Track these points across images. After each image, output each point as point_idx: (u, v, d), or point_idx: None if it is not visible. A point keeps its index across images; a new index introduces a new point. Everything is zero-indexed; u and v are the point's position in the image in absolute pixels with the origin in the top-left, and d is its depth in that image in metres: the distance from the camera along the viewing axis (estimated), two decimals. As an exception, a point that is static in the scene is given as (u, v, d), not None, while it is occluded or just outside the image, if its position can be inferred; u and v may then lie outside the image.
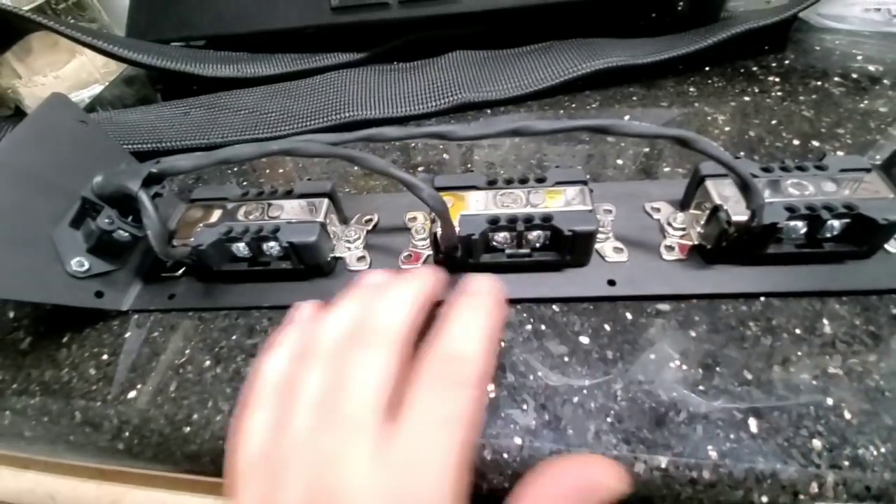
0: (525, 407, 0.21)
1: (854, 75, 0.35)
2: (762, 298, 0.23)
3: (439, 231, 0.23)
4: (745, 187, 0.21)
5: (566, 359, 0.22)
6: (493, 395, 0.21)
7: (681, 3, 0.40)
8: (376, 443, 0.15)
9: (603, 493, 0.15)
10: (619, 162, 0.31)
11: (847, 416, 0.19)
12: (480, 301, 0.19)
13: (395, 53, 0.42)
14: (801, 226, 0.23)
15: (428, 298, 0.19)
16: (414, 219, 0.28)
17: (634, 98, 0.35)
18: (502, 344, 0.23)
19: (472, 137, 0.22)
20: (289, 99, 0.38)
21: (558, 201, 0.24)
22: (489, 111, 0.36)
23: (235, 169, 0.35)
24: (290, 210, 0.26)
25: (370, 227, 0.28)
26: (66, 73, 0.46)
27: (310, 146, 0.22)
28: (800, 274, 0.23)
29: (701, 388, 0.20)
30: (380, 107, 0.36)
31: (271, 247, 0.25)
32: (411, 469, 0.14)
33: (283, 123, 0.36)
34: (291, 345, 0.19)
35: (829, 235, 0.23)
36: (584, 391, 0.21)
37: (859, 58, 0.36)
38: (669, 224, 0.26)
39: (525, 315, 0.24)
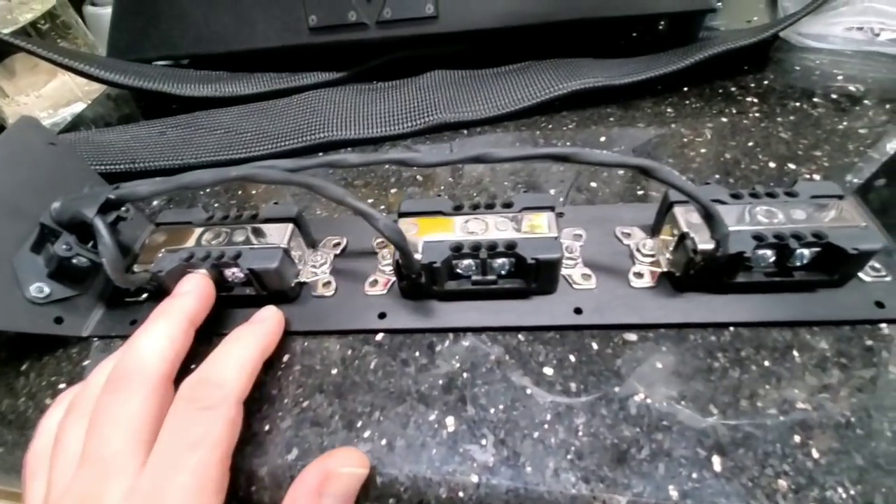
0: (484, 442, 0.20)
1: (834, 95, 0.34)
2: (731, 329, 0.22)
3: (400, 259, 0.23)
4: (709, 216, 0.20)
5: (528, 391, 0.21)
6: (451, 429, 0.20)
7: (661, 23, 0.40)
8: (131, 479, 0.16)
9: (344, 479, 0.18)
10: (606, 175, 0.31)
11: (815, 454, 0.18)
12: (251, 329, 0.22)
13: (375, 72, 0.42)
14: (769, 254, 0.22)
15: (186, 325, 0.21)
16: (382, 244, 0.27)
17: (611, 119, 0.35)
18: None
19: (432, 164, 0.22)
20: (265, 119, 0.38)
21: (527, 228, 0.24)
22: (465, 132, 0.36)
23: (219, 189, 0.34)
24: (253, 235, 0.25)
25: (338, 252, 0.28)
26: (47, 91, 0.46)
27: (268, 173, 0.21)
28: (771, 303, 0.23)
29: (664, 423, 0.20)
30: (355, 127, 0.36)
31: (233, 273, 0.24)
32: (155, 496, 0.16)
33: (258, 144, 0.36)
34: (65, 402, 0.20)
35: (798, 264, 0.22)
36: (545, 426, 0.20)
37: (840, 77, 0.36)
38: (639, 250, 0.25)
39: (489, 344, 0.23)
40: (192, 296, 0.22)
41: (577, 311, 0.23)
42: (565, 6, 0.35)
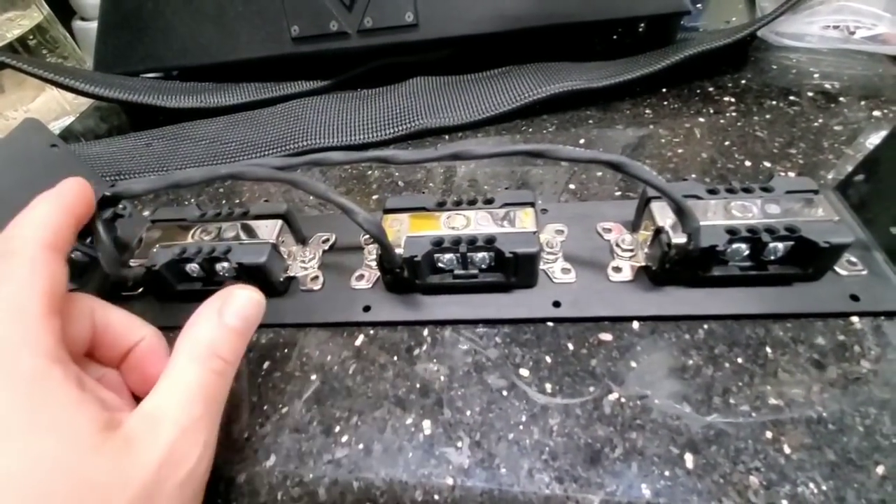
0: (460, 445, 0.20)
1: (810, 93, 0.35)
2: (706, 326, 0.22)
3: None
4: (680, 211, 0.21)
5: (504, 393, 0.21)
6: (428, 432, 0.21)
7: (641, 25, 0.40)
8: None
9: (242, 298, 0.20)
10: (599, 174, 0.31)
11: (787, 450, 0.18)
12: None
13: (358, 80, 0.42)
14: (744, 248, 0.22)
15: (63, 204, 0.20)
16: (369, 239, 0.28)
17: (591, 121, 0.35)
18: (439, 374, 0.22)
19: (413, 161, 0.23)
20: (250, 128, 0.38)
21: (507, 224, 0.24)
22: (447, 137, 0.36)
23: (221, 190, 0.35)
24: (244, 231, 0.26)
25: (327, 247, 0.28)
26: (35, 106, 0.46)
27: (256, 170, 0.22)
28: (746, 296, 0.23)
29: (638, 421, 0.20)
30: (339, 135, 0.36)
31: (223, 267, 0.25)
32: None
33: (243, 153, 0.36)
34: None
35: (773, 258, 0.23)
36: (521, 427, 0.20)
37: (816, 75, 0.36)
38: (618, 245, 0.26)
39: (466, 347, 0.23)
40: (65, 186, 0.21)
41: (556, 304, 0.24)
42: (541, 12, 0.36)
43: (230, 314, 0.19)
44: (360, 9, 0.37)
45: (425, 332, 0.24)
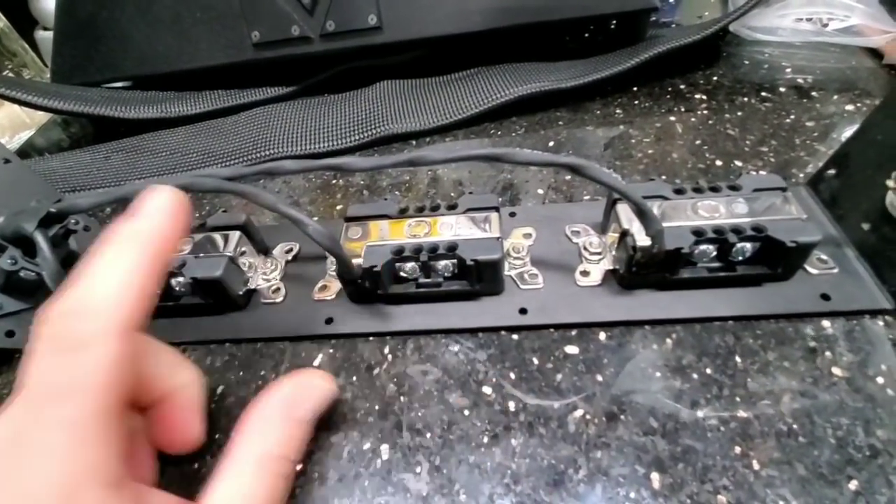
0: (419, 470, 0.19)
1: (782, 89, 0.34)
2: (674, 335, 0.22)
3: None
4: (641, 213, 0.20)
5: (466, 412, 0.20)
6: (386, 457, 0.20)
7: (613, 23, 0.40)
8: None
9: (315, 392, 0.18)
10: (568, 176, 0.30)
11: (756, 466, 0.18)
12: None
13: (323, 85, 0.41)
14: (711, 249, 0.22)
15: (152, 257, 0.16)
16: None
17: (560, 122, 0.35)
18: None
19: (368, 169, 0.22)
20: (212, 138, 0.37)
21: (470, 229, 0.23)
22: (414, 142, 0.35)
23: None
24: (201, 244, 0.25)
25: (290, 258, 0.27)
26: (-8, 120, 0.45)
27: (205, 181, 0.21)
28: (715, 298, 0.22)
29: (603, 439, 0.19)
30: (303, 142, 0.35)
31: (179, 282, 0.24)
32: (19, 455, 0.13)
33: (204, 164, 0.35)
34: None
35: (741, 258, 0.22)
36: (482, 449, 0.19)
37: (788, 70, 0.36)
38: (586, 249, 0.25)
39: (428, 365, 0.22)
40: (160, 216, 0.16)
41: (523, 311, 0.23)
42: (507, 12, 0.35)
43: (305, 410, 0.18)
44: (321, 12, 0.36)
45: (386, 349, 0.23)
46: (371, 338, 0.24)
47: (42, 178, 0.35)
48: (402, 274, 0.23)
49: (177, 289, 0.24)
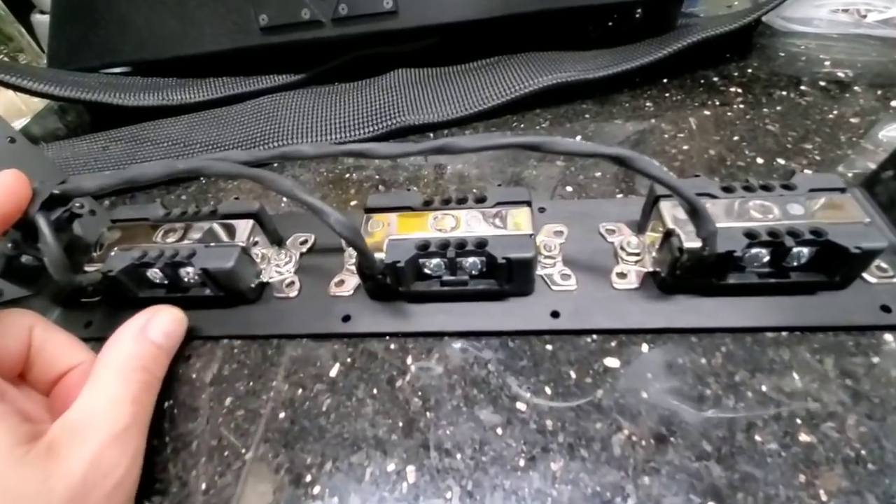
0: (449, 495, 0.17)
1: (822, 82, 0.32)
2: (723, 348, 0.20)
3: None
4: (694, 212, 0.18)
5: (499, 431, 0.19)
6: (412, 480, 0.18)
7: (638, 11, 0.38)
8: None
9: (166, 319, 0.21)
10: (598, 174, 0.28)
11: (823, 496, 0.16)
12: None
13: (335, 73, 0.39)
14: (763, 253, 0.20)
15: None
16: None
17: (587, 116, 0.33)
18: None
19: (393, 156, 0.20)
20: (216, 128, 0.35)
21: (500, 224, 0.22)
22: (431, 135, 0.33)
23: (190, 190, 0.32)
24: (211, 232, 0.23)
25: (305, 249, 0.26)
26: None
27: (218, 165, 0.20)
28: (765, 306, 0.21)
29: (652, 464, 0.17)
30: (313, 134, 0.33)
31: (188, 272, 0.23)
32: None
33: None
34: None
35: (795, 264, 0.20)
36: (518, 473, 0.18)
37: (827, 63, 0.34)
38: (623, 248, 0.23)
39: (456, 377, 0.20)
40: None
41: (555, 314, 0.22)
42: (531, -3, 0.33)
43: (155, 332, 0.20)
44: (334, -5, 0.34)
45: (409, 357, 0.21)
46: (391, 339, 0.22)
47: (50, 160, 0.33)
48: (426, 270, 0.22)
49: (185, 279, 0.23)
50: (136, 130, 0.36)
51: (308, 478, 0.18)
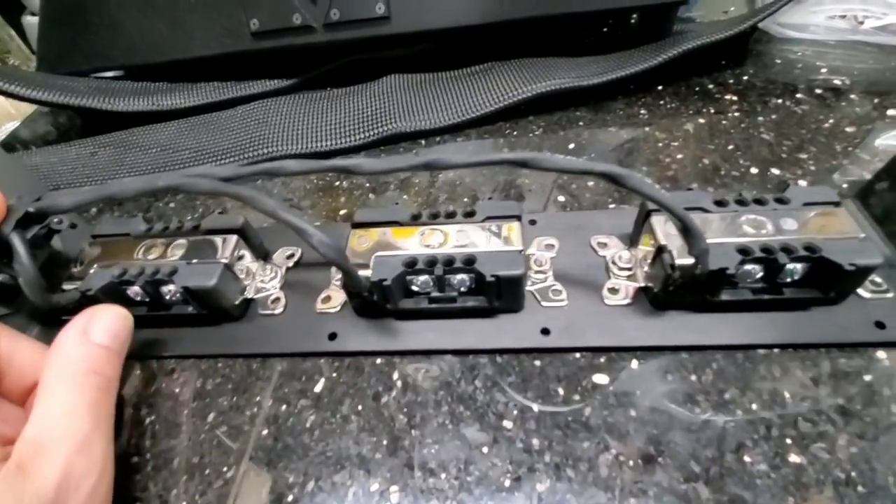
0: (432, 516, 0.17)
1: (818, 90, 0.32)
2: (714, 364, 0.20)
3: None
4: (686, 230, 0.18)
5: (485, 450, 0.18)
6: (396, 501, 0.18)
7: (633, 17, 0.37)
8: None
9: (109, 316, 0.19)
10: (591, 183, 0.28)
11: (813, 520, 0.16)
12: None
13: (326, 78, 0.39)
14: (757, 269, 0.20)
15: None
16: None
17: (581, 123, 0.32)
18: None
19: (379, 172, 0.20)
20: (206, 133, 0.35)
21: (490, 239, 0.21)
22: (423, 142, 0.33)
23: (172, 205, 0.31)
24: (195, 248, 0.23)
25: (291, 264, 0.25)
26: (-27, 110, 0.42)
27: (198, 182, 0.20)
28: (758, 323, 0.20)
29: (640, 485, 0.17)
30: (304, 140, 0.33)
31: (170, 290, 0.22)
32: None
33: (197, 162, 0.33)
34: None
35: (789, 280, 0.20)
36: (503, 493, 0.17)
37: (823, 70, 0.33)
38: (615, 263, 0.23)
39: (442, 393, 0.20)
40: None
41: (545, 331, 0.21)
42: (525, 3, 0.33)
43: (98, 332, 0.19)
44: (325, 0, 0.34)
45: (395, 373, 0.21)
46: (378, 357, 0.22)
47: (29, 171, 0.33)
48: (413, 287, 0.22)
49: (167, 297, 0.23)
50: (124, 136, 0.36)
51: (290, 497, 0.18)
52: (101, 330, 0.19)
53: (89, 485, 0.16)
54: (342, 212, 0.29)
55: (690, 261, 0.19)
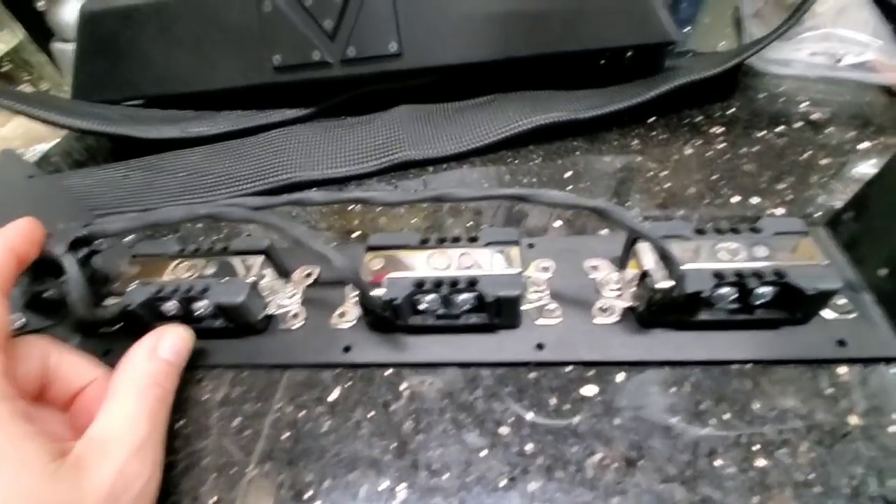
0: (436, 512, 0.19)
1: (797, 123, 0.34)
2: (692, 378, 0.22)
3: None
4: (665, 258, 0.20)
5: (483, 453, 0.21)
6: (403, 497, 0.20)
7: (629, 54, 0.40)
8: None
9: (174, 336, 0.23)
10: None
11: (774, 518, 0.18)
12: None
13: (341, 108, 0.41)
14: (731, 292, 0.22)
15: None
16: None
17: (578, 152, 0.35)
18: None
19: (394, 203, 0.23)
20: (229, 159, 0.37)
21: (490, 263, 0.24)
22: (431, 169, 0.35)
23: (200, 226, 0.34)
24: (224, 268, 0.25)
25: (310, 282, 0.28)
26: (7, 131, 0.45)
27: (233, 211, 0.23)
28: (733, 340, 0.22)
29: (621, 486, 0.19)
30: (320, 165, 0.35)
31: (201, 306, 0.24)
32: None
33: (222, 186, 0.35)
34: None
35: (760, 302, 0.22)
36: (499, 492, 0.19)
37: (804, 104, 0.36)
38: (605, 284, 0.25)
39: (446, 402, 0.22)
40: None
41: (540, 346, 0.23)
42: (526, 42, 0.35)
43: (165, 350, 0.22)
44: (342, 38, 0.37)
45: (404, 383, 0.23)
46: (388, 369, 0.24)
47: (68, 195, 0.36)
48: (421, 306, 0.24)
49: (198, 312, 0.25)
50: (154, 160, 0.39)
51: (309, 494, 0.20)
52: (167, 347, 0.22)
53: (140, 485, 0.18)
54: (356, 234, 0.31)
55: (670, 284, 0.21)
